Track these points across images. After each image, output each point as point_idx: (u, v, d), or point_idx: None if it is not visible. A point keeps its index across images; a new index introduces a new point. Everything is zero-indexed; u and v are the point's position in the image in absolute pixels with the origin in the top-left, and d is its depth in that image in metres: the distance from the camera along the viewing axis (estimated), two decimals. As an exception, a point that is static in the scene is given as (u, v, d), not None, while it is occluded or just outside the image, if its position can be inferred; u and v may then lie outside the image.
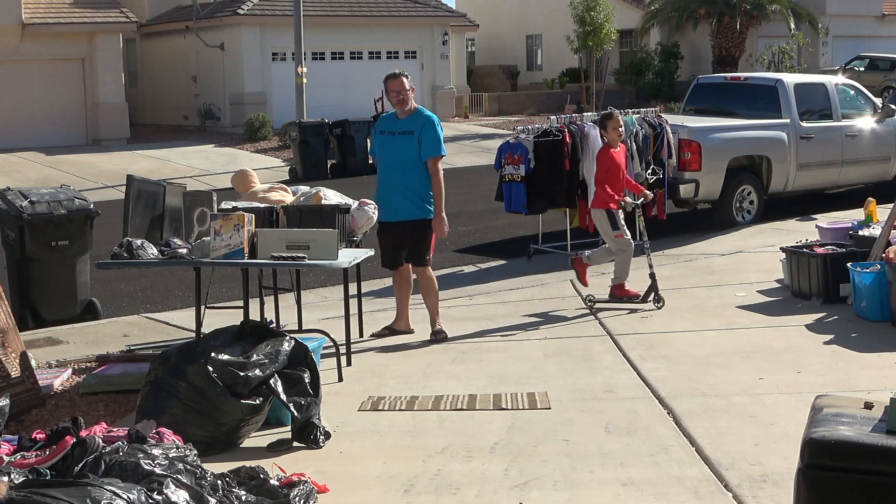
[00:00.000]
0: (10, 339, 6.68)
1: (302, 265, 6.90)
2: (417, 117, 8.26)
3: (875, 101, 15.34)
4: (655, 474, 5.15)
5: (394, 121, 8.34)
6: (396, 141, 8.23)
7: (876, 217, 9.98)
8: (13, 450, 4.83)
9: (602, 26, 33.95)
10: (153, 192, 8.88)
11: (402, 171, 8.18)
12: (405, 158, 8.16)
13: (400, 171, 8.18)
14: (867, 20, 43.47)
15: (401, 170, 8.18)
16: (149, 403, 5.70)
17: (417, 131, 8.16)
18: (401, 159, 8.18)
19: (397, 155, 8.20)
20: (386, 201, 8.21)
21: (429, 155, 8.14)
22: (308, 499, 4.70)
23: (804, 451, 3.87)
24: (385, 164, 8.32)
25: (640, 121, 12.02)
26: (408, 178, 8.17)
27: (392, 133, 8.27)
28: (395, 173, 8.20)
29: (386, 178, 8.29)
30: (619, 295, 9.16)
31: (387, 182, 8.27)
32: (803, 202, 14.32)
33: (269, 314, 8.06)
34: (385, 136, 8.33)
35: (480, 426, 5.99)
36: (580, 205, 11.57)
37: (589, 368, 7.21)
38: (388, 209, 8.19)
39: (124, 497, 3.90)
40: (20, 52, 27.75)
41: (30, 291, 9.46)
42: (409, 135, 8.18)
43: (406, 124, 8.23)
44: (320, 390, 5.91)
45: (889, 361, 7.01)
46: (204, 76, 33.01)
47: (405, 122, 8.24)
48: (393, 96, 8.22)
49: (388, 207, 8.19)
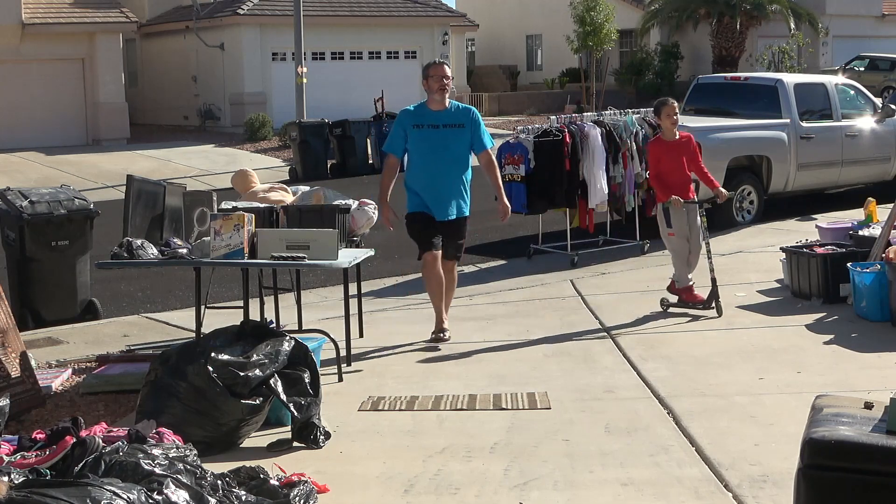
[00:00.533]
0: (10, 339, 6.68)
1: (302, 265, 6.90)
2: (460, 109, 8.08)
3: (875, 101, 15.35)
4: (655, 474, 5.15)
5: (430, 113, 8.03)
6: (444, 134, 7.96)
7: (876, 217, 9.98)
8: (13, 450, 4.83)
9: (602, 26, 33.96)
10: (153, 192, 8.89)
11: (457, 165, 7.97)
12: (458, 152, 7.97)
13: (454, 165, 7.96)
14: (867, 20, 43.47)
15: (454, 164, 7.96)
16: (149, 403, 5.70)
17: (468, 124, 7.98)
18: (454, 153, 7.95)
19: (449, 148, 7.95)
20: (438, 198, 7.97)
21: (487, 145, 8.04)
22: (308, 499, 4.70)
23: (804, 451, 3.87)
24: (431, 159, 7.96)
25: (640, 121, 12.02)
26: (463, 172, 8.00)
27: (435, 126, 7.97)
28: (448, 168, 7.95)
29: (435, 174, 7.96)
30: (686, 299, 8.75)
31: (437, 178, 7.96)
32: (803, 202, 14.31)
33: (269, 314, 8.06)
34: (427, 129, 7.98)
35: (480, 426, 5.99)
36: (580, 205, 11.57)
37: (589, 368, 7.21)
38: (444, 206, 7.98)
39: (124, 497, 3.90)
40: (20, 52, 27.75)
41: (30, 291, 9.46)
42: (458, 128, 7.96)
43: (451, 117, 7.99)
44: (320, 390, 5.91)
45: (889, 361, 7.01)
46: (204, 76, 33.00)
47: (448, 114, 8.00)
48: (436, 83, 7.94)
49: (444, 205, 7.97)
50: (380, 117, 24.79)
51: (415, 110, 8.14)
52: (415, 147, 8.06)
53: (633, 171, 11.71)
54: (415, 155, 8.09)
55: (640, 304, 9.09)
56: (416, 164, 8.07)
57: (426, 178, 7.99)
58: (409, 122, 8.08)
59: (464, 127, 7.97)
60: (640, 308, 8.95)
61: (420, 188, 8.00)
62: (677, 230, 8.74)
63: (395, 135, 8.17)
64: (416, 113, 8.11)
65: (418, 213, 8.03)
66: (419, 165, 8.05)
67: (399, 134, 8.13)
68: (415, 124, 8.03)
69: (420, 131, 8.00)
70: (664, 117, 8.84)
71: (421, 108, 8.14)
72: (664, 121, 8.86)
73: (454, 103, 8.10)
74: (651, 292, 9.56)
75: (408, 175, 8.16)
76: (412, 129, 8.04)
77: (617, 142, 11.60)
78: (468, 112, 8.09)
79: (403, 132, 8.10)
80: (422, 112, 8.09)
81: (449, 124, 7.95)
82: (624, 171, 11.67)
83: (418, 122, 8.03)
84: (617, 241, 12.06)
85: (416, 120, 8.05)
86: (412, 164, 8.14)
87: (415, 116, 8.08)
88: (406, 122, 8.11)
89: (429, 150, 7.98)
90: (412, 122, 8.05)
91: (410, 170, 8.14)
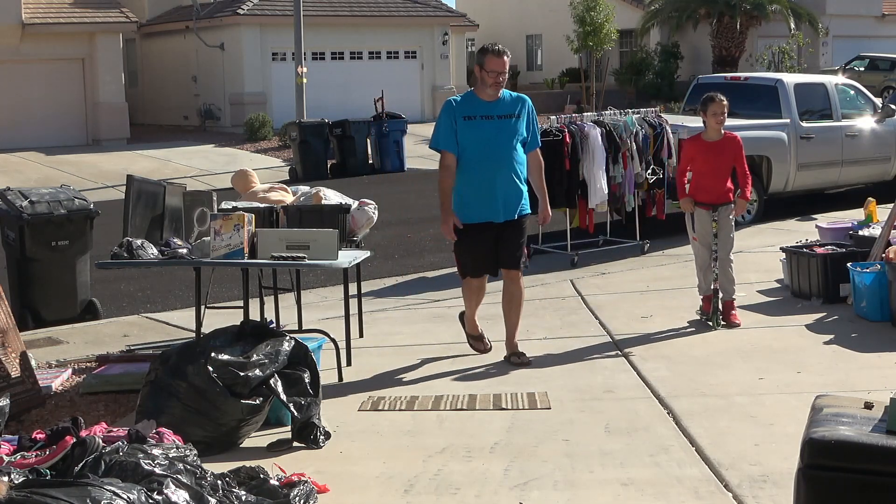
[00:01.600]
0: (10, 339, 6.69)
1: (302, 265, 6.90)
2: (514, 98, 7.40)
3: (875, 101, 15.35)
4: (655, 474, 5.15)
5: (482, 104, 7.29)
6: (499, 126, 7.24)
7: (876, 217, 9.99)
8: (13, 450, 4.83)
9: (602, 26, 33.96)
10: (153, 192, 8.88)
11: (513, 159, 7.26)
12: (512, 145, 7.26)
13: (510, 159, 7.24)
14: (867, 20, 43.49)
15: (511, 158, 7.24)
16: (149, 403, 5.70)
17: (523, 114, 7.32)
18: (511, 145, 7.25)
19: (506, 140, 7.24)
20: (498, 198, 7.24)
21: (538, 143, 7.49)
22: (308, 499, 4.70)
23: (804, 451, 3.87)
24: (487, 153, 7.21)
25: (640, 121, 12.01)
26: (518, 166, 7.29)
27: (490, 117, 7.23)
28: (507, 162, 7.23)
29: (493, 169, 7.21)
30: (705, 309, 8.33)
31: (496, 174, 7.21)
32: (803, 202, 14.32)
33: (269, 314, 8.06)
34: (480, 121, 7.22)
35: (480, 426, 5.99)
36: (580, 205, 11.57)
37: (589, 368, 7.21)
38: (506, 205, 7.27)
39: (124, 497, 3.90)
40: (20, 52, 27.75)
41: (30, 291, 9.46)
42: (514, 118, 7.28)
43: (505, 106, 7.29)
44: (320, 390, 5.91)
45: (889, 361, 7.01)
46: (204, 76, 33.01)
47: (502, 104, 7.30)
48: (491, 77, 7.19)
49: (506, 203, 7.26)
50: (380, 117, 24.80)
51: (463, 100, 7.40)
52: (467, 141, 7.25)
53: (633, 171, 11.70)
54: (467, 150, 7.27)
55: (640, 304, 9.09)
56: (469, 161, 7.25)
57: (482, 176, 7.23)
58: (459, 112, 7.29)
59: (520, 118, 7.32)
60: (640, 308, 8.95)
61: (474, 189, 7.24)
62: (700, 236, 8.31)
63: (443, 128, 7.32)
64: (466, 103, 7.35)
65: (471, 225, 7.28)
66: (473, 162, 7.24)
67: (448, 127, 7.29)
68: (466, 115, 7.26)
69: (472, 123, 7.24)
70: (710, 115, 8.28)
71: (470, 97, 7.40)
72: (709, 118, 8.30)
73: (506, 92, 7.38)
74: (651, 292, 9.56)
75: (460, 178, 7.33)
76: (462, 121, 7.26)
77: (617, 142, 11.59)
78: (523, 102, 7.40)
79: (452, 124, 7.28)
80: (472, 102, 7.33)
81: (504, 115, 7.27)
82: (624, 171, 11.66)
83: (469, 113, 7.26)
84: (617, 241, 12.05)
85: (468, 111, 7.27)
86: (462, 162, 7.29)
87: (465, 107, 7.31)
88: (455, 113, 7.30)
89: (483, 143, 7.22)
90: (462, 114, 7.27)
91: (460, 169, 7.31)
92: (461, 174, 7.28)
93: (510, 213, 7.29)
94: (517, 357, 7.44)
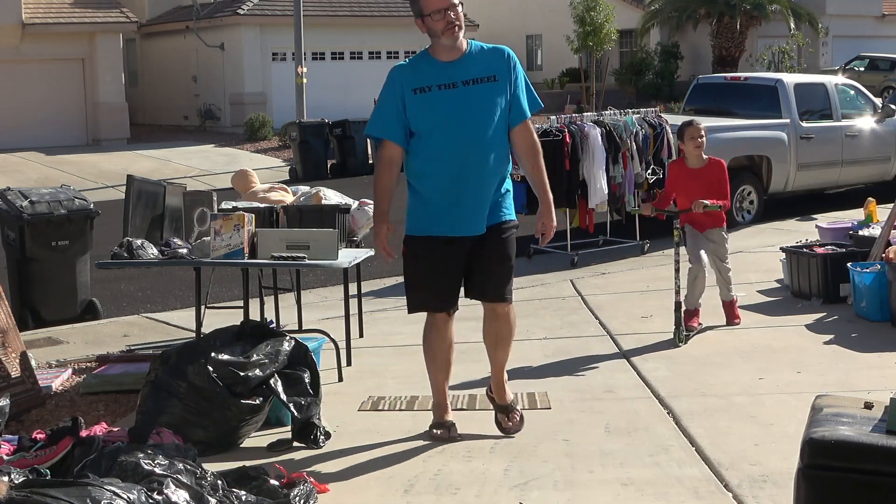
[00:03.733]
0: (10, 339, 6.68)
1: (302, 265, 6.89)
2: (487, 52, 5.28)
3: (875, 101, 15.37)
4: (655, 474, 5.15)
5: (440, 68, 5.22)
6: (467, 97, 5.17)
7: (876, 217, 9.99)
8: (13, 450, 4.84)
9: (602, 26, 33.96)
10: (153, 192, 8.89)
11: (489, 144, 5.24)
12: (488, 123, 5.20)
13: (484, 144, 5.23)
14: (867, 20, 43.49)
15: (485, 143, 5.23)
16: (149, 403, 5.70)
17: (503, 74, 5.24)
18: (485, 122, 5.20)
19: (476, 117, 5.19)
20: (457, 201, 5.28)
21: (526, 113, 5.36)
22: (308, 499, 4.70)
23: (804, 451, 3.87)
24: (450, 138, 5.20)
25: (640, 121, 12.02)
26: (492, 155, 5.25)
27: (451, 86, 5.17)
28: (475, 150, 5.20)
29: (453, 162, 5.22)
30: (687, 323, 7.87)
31: (456, 168, 5.23)
32: (803, 202, 14.32)
33: (269, 314, 8.06)
34: (437, 92, 5.19)
35: (480, 426, 5.99)
36: (580, 205, 11.57)
37: (589, 368, 7.20)
38: (467, 214, 5.29)
39: (124, 497, 3.90)
40: (20, 52, 27.77)
41: (30, 291, 9.47)
42: (487, 83, 5.20)
43: (474, 66, 5.19)
44: (320, 390, 5.91)
45: (889, 361, 7.01)
46: (204, 76, 33.02)
47: (469, 63, 5.20)
48: (438, 20, 5.14)
49: (475, 210, 5.30)
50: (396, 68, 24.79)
51: (412, 65, 5.36)
52: (420, 122, 5.27)
53: (632, 171, 11.71)
54: (421, 135, 5.31)
55: (640, 304, 9.09)
56: (425, 151, 5.32)
57: (444, 172, 5.29)
58: (408, 83, 5.27)
59: (498, 81, 5.23)
60: (640, 308, 8.95)
61: (433, 189, 5.34)
62: (689, 251, 8.11)
63: (384, 108, 5.35)
64: (416, 69, 5.32)
65: (424, 238, 5.38)
66: (430, 152, 5.30)
67: (391, 105, 5.28)
68: (416, 87, 5.25)
69: (426, 97, 5.22)
70: (687, 140, 7.88)
71: (424, 59, 5.35)
72: (687, 144, 7.90)
73: (475, 44, 5.32)
74: (651, 292, 9.56)
75: (410, 169, 5.45)
76: (412, 95, 5.25)
77: (617, 142, 11.60)
78: (501, 56, 5.29)
79: (398, 102, 5.27)
80: (426, 66, 5.29)
81: (473, 79, 5.20)
82: (624, 171, 11.67)
83: (421, 84, 5.23)
84: (617, 241, 12.06)
85: (418, 80, 5.26)
86: (417, 152, 5.36)
87: (414, 75, 5.28)
88: (401, 84, 5.28)
89: (443, 123, 5.21)
90: (412, 85, 5.26)
91: (414, 161, 5.40)
92: (414, 169, 5.42)
93: (485, 222, 5.37)
94: (506, 416, 5.68)
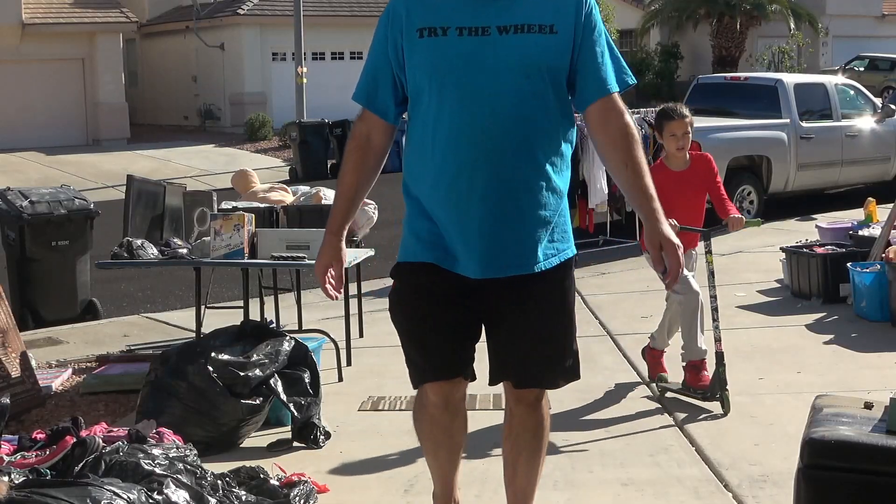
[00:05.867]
0: (10, 339, 6.68)
1: (302, 265, 6.89)
2: None
3: (875, 101, 15.39)
4: (655, 474, 5.15)
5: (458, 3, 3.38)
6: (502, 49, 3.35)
7: (876, 217, 9.99)
8: (13, 450, 4.83)
9: (602, 26, 33.94)
10: (153, 192, 8.90)
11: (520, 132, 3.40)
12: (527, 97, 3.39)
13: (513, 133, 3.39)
14: (867, 20, 43.49)
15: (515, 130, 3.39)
16: (149, 403, 5.70)
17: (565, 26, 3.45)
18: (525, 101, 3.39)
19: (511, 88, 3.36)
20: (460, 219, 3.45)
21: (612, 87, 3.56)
22: (308, 499, 4.70)
23: (804, 451, 3.87)
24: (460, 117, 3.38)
25: (640, 121, 12.02)
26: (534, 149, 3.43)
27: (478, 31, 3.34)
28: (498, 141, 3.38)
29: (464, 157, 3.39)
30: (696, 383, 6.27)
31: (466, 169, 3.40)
32: (803, 202, 14.32)
33: (269, 314, 8.06)
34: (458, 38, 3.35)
35: (480, 426, 5.98)
36: (580, 205, 11.58)
37: (589, 368, 7.19)
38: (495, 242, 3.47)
39: (124, 497, 3.90)
40: (20, 52, 27.76)
41: (30, 291, 9.47)
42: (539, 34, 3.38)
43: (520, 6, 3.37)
44: (320, 390, 5.91)
45: (889, 361, 7.01)
46: (204, 76, 33.02)
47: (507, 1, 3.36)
48: None
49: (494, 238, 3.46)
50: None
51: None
52: (420, 84, 3.48)
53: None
54: (420, 108, 3.53)
55: (640, 304, 9.08)
56: (425, 133, 3.52)
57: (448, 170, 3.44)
58: (411, 19, 3.44)
59: (555, 34, 3.41)
60: (640, 308, 8.95)
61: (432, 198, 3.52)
62: None
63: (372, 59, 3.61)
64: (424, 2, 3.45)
65: (421, 266, 3.59)
66: (432, 135, 3.48)
67: (382, 55, 3.55)
68: (423, 27, 3.41)
69: (435, 42, 3.39)
70: (667, 137, 6.08)
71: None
72: (666, 141, 6.11)
73: None
74: (651, 292, 9.55)
75: (404, 163, 3.66)
76: (415, 38, 3.42)
77: (617, 142, 11.58)
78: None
79: (392, 48, 3.50)
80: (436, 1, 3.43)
81: (516, 25, 3.36)
82: (624, 171, 11.65)
83: (431, 23, 3.40)
84: (617, 241, 12.05)
85: (427, 16, 3.42)
86: (413, 135, 3.61)
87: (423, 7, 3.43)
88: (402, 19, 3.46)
89: (457, 91, 3.38)
90: (417, 24, 3.43)
91: (408, 150, 3.65)
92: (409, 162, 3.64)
93: (518, 262, 3.56)
94: None
